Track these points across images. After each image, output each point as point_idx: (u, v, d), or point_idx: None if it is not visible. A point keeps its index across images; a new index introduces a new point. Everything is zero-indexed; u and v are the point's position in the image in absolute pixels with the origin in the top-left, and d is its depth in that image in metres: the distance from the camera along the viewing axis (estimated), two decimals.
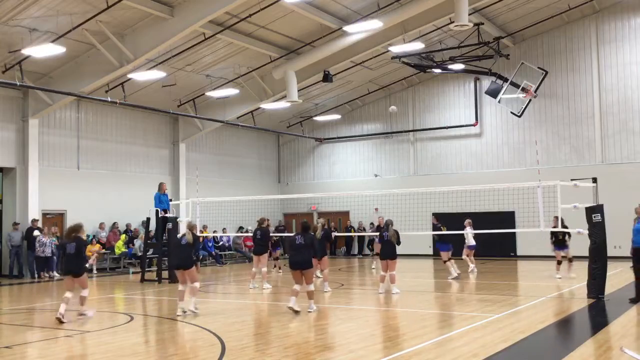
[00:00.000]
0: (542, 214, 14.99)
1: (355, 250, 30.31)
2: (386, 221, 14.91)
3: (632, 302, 12.19)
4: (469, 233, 18.90)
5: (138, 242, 22.76)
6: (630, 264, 13.22)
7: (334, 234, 21.54)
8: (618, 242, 19.66)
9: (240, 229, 27.52)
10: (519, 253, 26.19)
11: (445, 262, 17.95)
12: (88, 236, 22.51)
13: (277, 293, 15.16)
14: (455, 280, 17.20)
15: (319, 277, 15.91)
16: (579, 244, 16.06)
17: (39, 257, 20.15)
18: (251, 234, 27.31)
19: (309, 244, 11.66)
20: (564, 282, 15.97)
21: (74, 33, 17.63)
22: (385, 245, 14.54)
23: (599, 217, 13.25)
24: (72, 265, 11.46)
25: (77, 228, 11.63)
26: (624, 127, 24.82)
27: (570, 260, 17.31)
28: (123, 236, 23.25)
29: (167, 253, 18.78)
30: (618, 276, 16.85)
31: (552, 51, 26.21)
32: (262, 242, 16.21)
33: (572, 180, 14.78)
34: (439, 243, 18.42)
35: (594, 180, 14.37)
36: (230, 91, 23.68)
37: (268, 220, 17.41)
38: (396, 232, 14.55)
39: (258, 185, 30.59)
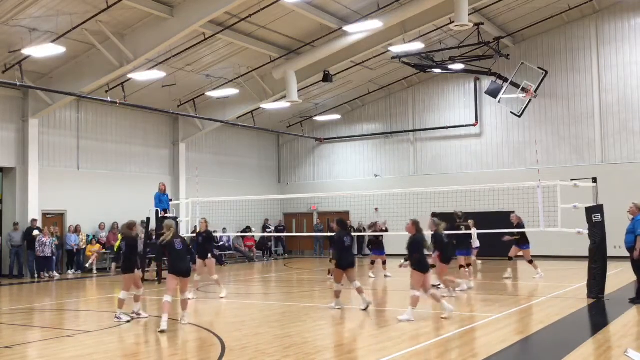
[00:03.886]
0: (542, 214, 15.00)
1: (355, 250, 30.26)
2: (337, 220, 12.42)
3: (632, 302, 12.19)
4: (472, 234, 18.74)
5: None
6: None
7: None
8: (618, 242, 19.35)
9: (247, 229, 27.52)
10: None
11: (461, 267, 16.02)
12: (88, 236, 22.55)
13: (277, 294, 15.15)
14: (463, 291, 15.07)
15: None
16: (579, 243, 16.04)
17: (39, 257, 20.17)
18: (251, 235, 27.77)
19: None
20: (564, 282, 15.93)
21: (74, 33, 17.64)
22: (348, 251, 12.22)
23: (599, 217, 13.28)
24: (123, 264, 11.67)
25: (130, 225, 11.67)
26: (624, 127, 24.81)
27: None
28: (121, 236, 23.21)
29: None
30: (618, 276, 16.84)
31: (552, 51, 26.21)
32: (204, 246, 14.67)
33: (572, 180, 14.79)
34: (459, 250, 16.18)
35: (594, 180, 14.37)
36: (230, 91, 23.67)
37: (206, 222, 15.01)
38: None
39: (258, 185, 30.58)
